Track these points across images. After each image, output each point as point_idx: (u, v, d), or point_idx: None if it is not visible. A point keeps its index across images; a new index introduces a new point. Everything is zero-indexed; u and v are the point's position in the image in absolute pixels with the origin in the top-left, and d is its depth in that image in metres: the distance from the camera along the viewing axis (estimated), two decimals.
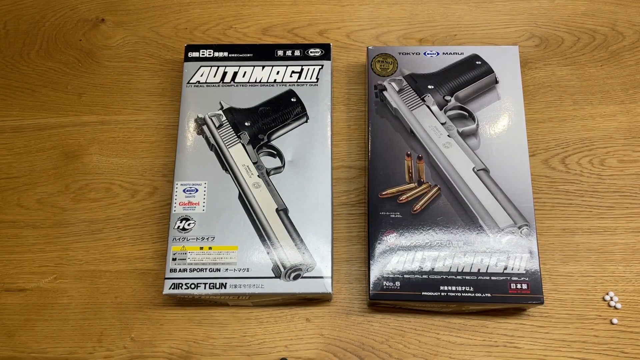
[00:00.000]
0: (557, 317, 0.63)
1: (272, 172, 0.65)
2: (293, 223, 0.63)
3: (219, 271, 0.61)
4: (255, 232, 0.63)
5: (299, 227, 0.63)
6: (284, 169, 0.65)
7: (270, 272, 0.61)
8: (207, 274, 0.61)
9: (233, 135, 0.67)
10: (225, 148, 0.66)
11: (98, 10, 0.80)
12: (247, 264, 0.62)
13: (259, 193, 0.64)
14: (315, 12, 0.78)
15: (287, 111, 0.68)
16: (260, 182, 0.65)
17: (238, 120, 0.68)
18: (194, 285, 0.61)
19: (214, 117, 0.68)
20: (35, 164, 0.72)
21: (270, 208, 0.64)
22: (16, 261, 0.68)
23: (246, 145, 0.67)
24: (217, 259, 0.62)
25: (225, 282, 0.61)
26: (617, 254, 0.65)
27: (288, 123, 0.68)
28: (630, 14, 0.77)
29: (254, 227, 0.63)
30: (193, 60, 0.71)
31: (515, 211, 0.62)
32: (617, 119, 0.71)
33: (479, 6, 0.78)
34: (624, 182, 0.68)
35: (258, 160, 0.66)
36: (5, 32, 0.79)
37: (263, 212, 0.63)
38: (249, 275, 0.61)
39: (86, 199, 0.70)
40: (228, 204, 0.64)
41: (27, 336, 0.64)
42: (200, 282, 0.61)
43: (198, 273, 0.61)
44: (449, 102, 0.67)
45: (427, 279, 0.59)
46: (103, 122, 0.74)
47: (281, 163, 0.66)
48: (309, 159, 0.66)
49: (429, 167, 0.64)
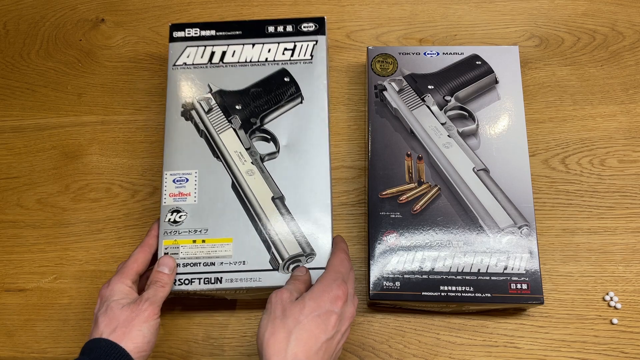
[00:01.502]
0: (557, 317, 0.63)
1: (266, 158, 0.62)
2: (290, 211, 0.60)
3: (213, 265, 0.58)
4: (251, 222, 0.60)
5: (296, 216, 0.60)
6: (278, 154, 0.62)
7: (268, 264, 0.58)
8: (201, 268, 0.58)
9: (224, 119, 0.63)
10: (216, 134, 0.63)
11: (98, 10, 0.80)
12: (243, 257, 0.58)
13: (252, 181, 0.61)
14: (315, 12, 0.78)
15: (280, 92, 0.64)
16: (254, 169, 0.61)
17: (228, 104, 0.64)
18: (188, 281, 0.58)
19: (203, 101, 0.64)
20: (35, 164, 0.72)
21: (265, 196, 0.60)
22: (16, 261, 0.68)
23: (238, 130, 0.63)
24: (211, 252, 0.59)
25: (220, 277, 0.58)
26: (617, 254, 0.65)
27: (282, 105, 0.64)
28: (630, 14, 0.77)
29: (248, 217, 0.60)
30: (179, 41, 0.67)
31: (515, 211, 0.62)
32: (617, 119, 0.71)
33: (479, 6, 0.78)
34: (624, 182, 0.68)
35: (251, 146, 0.62)
36: (5, 32, 0.79)
37: (258, 201, 0.60)
38: (246, 269, 0.58)
39: (86, 199, 0.70)
40: (221, 193, 0.61)
41: (27, 336, 0.64)
42: (195, 277, 0.58)
43: (192, 268, 0.58)
44: (449, 102, 0.67)
45: (427, 279, 0.59)
46: (103, 122, 0.74)
47: (276, 148, 0.62)
48: (305, 142, 0.62)
49: (429, 167, 0.64)
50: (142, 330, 0.51)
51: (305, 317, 0.48)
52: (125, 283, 0.54)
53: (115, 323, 0.51)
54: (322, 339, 0.47)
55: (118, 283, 0.54)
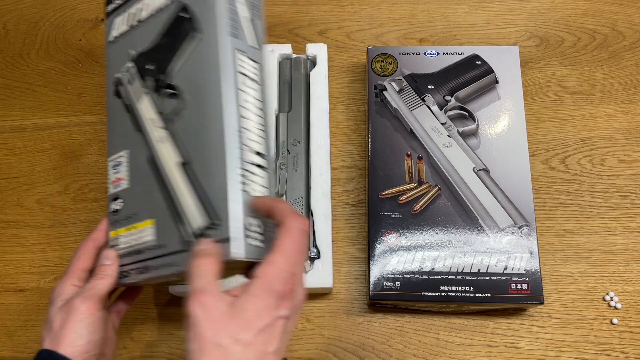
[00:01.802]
0: (557, 317, 0.63)
1: (172, 116, 0.49)
2: (195, 179, 0.46)
3: (141, 253, 0.50)
4: (162, 197, 0.49)
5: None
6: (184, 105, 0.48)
7: (182, 244, 0.46)
8: (133, 258, 0.51)
9: (139, 86, 0.53)
10: (135, 103, 0.52)
11: (98, 10, 0.80)
12: (163, 240, 0.48)
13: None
14: (315, 12, 0.78)
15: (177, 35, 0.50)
16: (164, 135, 0.49)
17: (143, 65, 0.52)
18: (127, 273, 0.51)
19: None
20: (35, 164, 0.72)
21: (170, 161, 0.48)
22: (16, 261, 0.68)
23: (151, 94, 0.51)
24: (138, 238, 0.51)
25: (147, 265, 0.49)
26: (617, 254, 0.65)
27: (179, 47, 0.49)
28: (630, 14, 0.77)
29: (161, 192, 0.49)
30: (111, 16, 0.57)
31: (516, 211, 0.62)
32: (617, 119, 0.71)
33: (479, 6, 0.78)
34: (624, 182, 0.68)
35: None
36: (5, 32, 0.79)
37: (164, 166, 0.49)
38: (165, 252, 0.48)
39: (86, 199, 0.70)
40: (140, 170, 0.51)
41: (27, 336, 0.64)
42: (131, 268, 0.51)
43: (127, 259, 0.51)
44: (449, 102, 0.67)
45: (427, 279, 0.59)
46: (103, 122, 0.74)
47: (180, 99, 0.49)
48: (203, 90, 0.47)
49: (429, 167, 0.64)
50: (77, 331, 0.46)
51: (247, 333, 0.37)
52: (71, 282, 0.50)
53: (53, 328, 0.47)
54: (270, 352, 0.38)
55: (62, 284, 0.50)
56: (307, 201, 0.64)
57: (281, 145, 0.66)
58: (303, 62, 0.71)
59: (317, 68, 0.70)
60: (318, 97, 0.69)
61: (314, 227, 0.63)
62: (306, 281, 0.50)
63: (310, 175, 0.65)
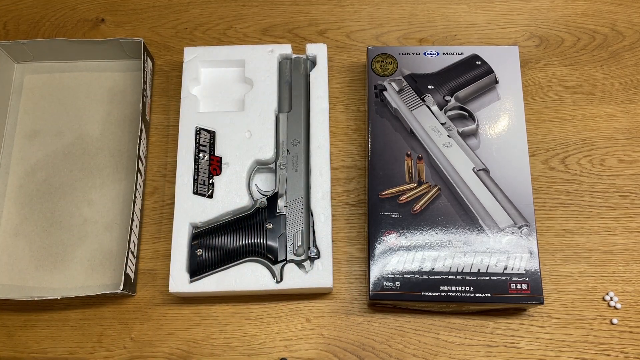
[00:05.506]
0: (557, 317, 0.63)
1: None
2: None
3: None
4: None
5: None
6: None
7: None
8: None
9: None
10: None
11: (98, 10, 0.80)
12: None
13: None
14: (315, 12, 0.78)
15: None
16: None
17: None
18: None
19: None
20: None
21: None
22: None
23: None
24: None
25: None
26: (617, 254, 0.65)
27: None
28: (630, 14, 0.77)
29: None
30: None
31: (515, 211, 0.62)
32: (617, 119, 0.71)
33: (479, 6, 0.78)
34: (624, 182, 0.68)
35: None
36: (5, 32, 0.79)
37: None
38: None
39: None
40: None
41: (27, 336, 0.64)
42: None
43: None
44: (449, 102, 0.67)
45: (427, 279, 0.59)
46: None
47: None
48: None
49: (429, 167, 0.64)
50: None
51: None
52: None
53: None
54: None
55: None
56: (307, 201, 0.64)
57: (281, 145, 0.67)
58: (303, 62, 0.71)
59: (317, 68, 0.70)
60: (318, 97, 0.69)
61: (314, 227, 0.63)
62: (306, 281, 0.54)
63: (310, 175, 0.65)
